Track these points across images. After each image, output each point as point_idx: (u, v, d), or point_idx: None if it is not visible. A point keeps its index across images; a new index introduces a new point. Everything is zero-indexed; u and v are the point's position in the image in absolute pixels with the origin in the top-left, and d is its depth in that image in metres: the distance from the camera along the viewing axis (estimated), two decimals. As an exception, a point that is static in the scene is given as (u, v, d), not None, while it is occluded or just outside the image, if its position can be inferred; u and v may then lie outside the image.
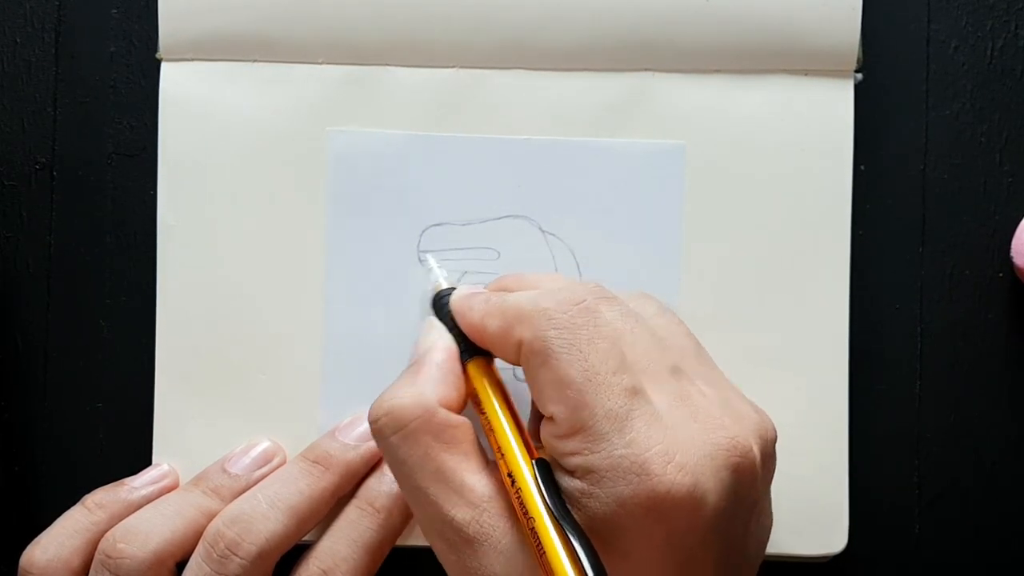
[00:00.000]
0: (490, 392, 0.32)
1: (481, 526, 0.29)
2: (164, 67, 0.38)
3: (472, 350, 0.33)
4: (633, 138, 0.37)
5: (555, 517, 0.28)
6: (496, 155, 0.37)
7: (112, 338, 0.39)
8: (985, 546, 0.38)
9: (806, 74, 0.37)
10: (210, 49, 0.37)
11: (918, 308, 0.39)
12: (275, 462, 0.36)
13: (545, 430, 0.29)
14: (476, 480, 0.30)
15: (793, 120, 0.37)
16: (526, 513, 0.28)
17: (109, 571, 0.34)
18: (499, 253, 0.37)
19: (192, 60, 0.38)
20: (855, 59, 0.37)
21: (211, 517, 0.34)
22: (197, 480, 0.36)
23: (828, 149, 0.37)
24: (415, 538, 0.36)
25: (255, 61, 0.38)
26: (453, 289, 0.35)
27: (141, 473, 0.37)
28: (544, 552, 0.27)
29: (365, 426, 0.36)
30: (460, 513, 0.29)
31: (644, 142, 0.37)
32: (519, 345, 0.30)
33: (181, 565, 0.35)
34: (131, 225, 0.39)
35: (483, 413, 0.32)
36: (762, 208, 0.37)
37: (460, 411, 0.32)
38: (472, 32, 0.37)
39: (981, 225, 0.39)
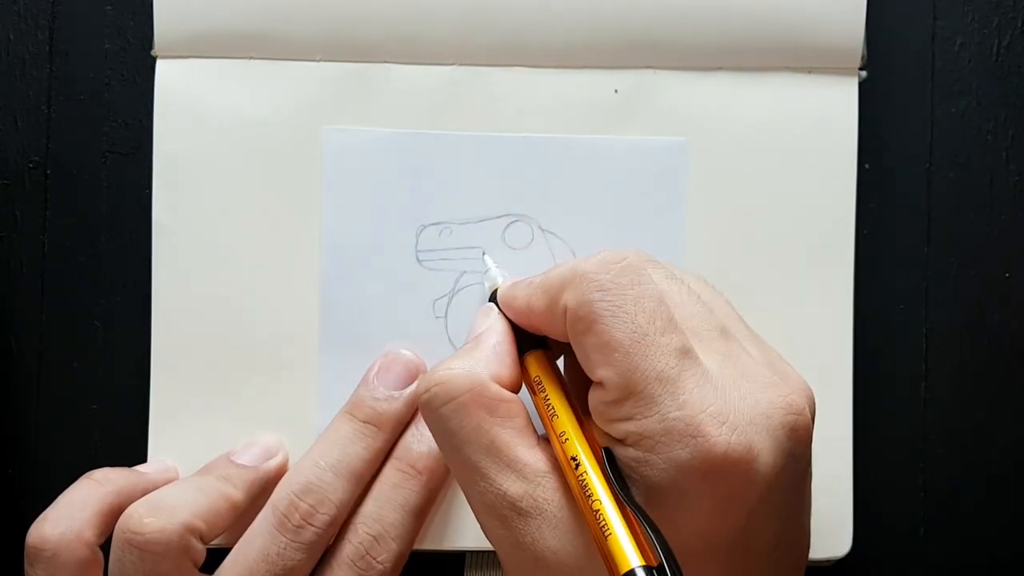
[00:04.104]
0: (553, 379, 0.31)
1: (535, 500, 0.29)
2: (159, 64, 0.37)
3: (529, 342, 0.32)
4: (634, 136, 0.37)
5: (622, 502, 0.27)
6: (494, 153, 0.37)
7: (107, 338, 0.39)
8: (990, 550, 0.38)
9: (810, 72, 0.37)
10: (206, 46, 0.37)
11: (923, 308, 0.38)
12: (279, 456, 0.36)
13: (594, 397, 0.29)
14: (529, 455, 0.29)
15: (797, 118, 0.37)
16: (589, 496, 0.28)
17: (137, 548, 0.32)
18: (498, 253, 0.37)
19: (187, 57, 0.37)
20: (859, 56, 0.37)
21: (231, 502, 0.34)
22: (206, 469, 0.36)
23: (832, 148, 0.37)
24: (427, 542, 0.36)
25: (251, 58, 0.37)
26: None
27: (142, 465, 0.37)
28: (608, 536, 0.27)
29: (398, 371, 0.36)
30: (514, 487, 0.29)
31: (645, 139, 0.37)
32: (563, 313, 0.29)
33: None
34: (126, 224, 0.39)
35: (544, 399, 0.31)
36: (765, 207, 0.37)
37: (513, 392, 0.31)
38: (471, 29, 0.37)
39: (987, 224, 0.38)
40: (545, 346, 0.32)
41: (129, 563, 0.32)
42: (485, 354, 0.31)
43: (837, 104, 0.37)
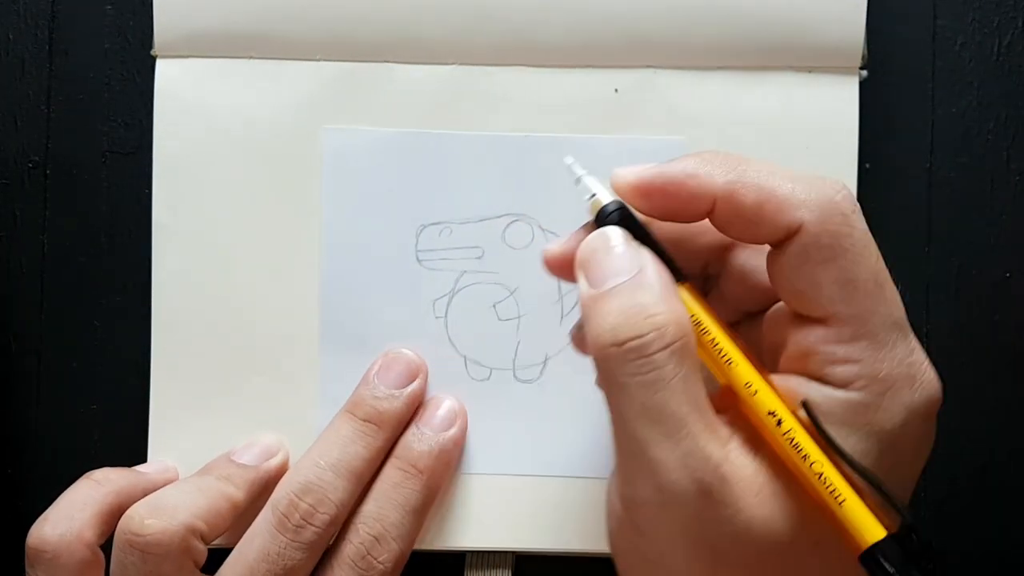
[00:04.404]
0: (714, 319, 0.28)
1: (733, 466, 0.26)
2: (159, 64, 0.37)
3: (673, 271, 0.28)
4: (634, 135, 0.37)
5: (838, 460, 0.26)
6: (494, 152, 0.37)
7: (106, 338, 0.39)
8: (990, 550, 0.38)
9: (810, 71, 0.37)
10: (205, 46, 0.37)
11: (924, 308, 0.38)
12: (280, 456, 0.36)
13: (814, 335, 0.27)
14: (717, 419, 0.27)
15: (797, 118, 0.37)
16: (805, 457, 0.26)
17: (138, 550, 0.32)
18: (498, 252, 0.37)
19: (187, 57, 0.37)
20: (860, 56, 0.37)
21: (231, 502, 0.34)
22: (206, 469, 0.36)
23: (833, 147, 0.37)
24: (427, 542, 0.36)
25: (251, 58, 0.37)
26: (621, 204, 0.29)
27: (142, 465, 0.37)
28: (843, 502, 0.25)
29: (399, 370, 0.36)
30: (716, 450, 0.26)
31: (645, 138, 0.37)
32: (794, 231, 0.27)
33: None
34: (125, 224, 0.39)
35: (711, 342, 0.28)
36: (765, 207, 0.37)
37: None
38: (472, 28, 0.37)
39: (988, 224, 0.38)
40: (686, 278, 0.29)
41: (131, 564, 0.32)
42: (674, 294, 0.27)
43: (838, 103, 0.37)
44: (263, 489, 0.35)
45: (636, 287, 0.27)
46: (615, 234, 0.29)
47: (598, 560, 0.37)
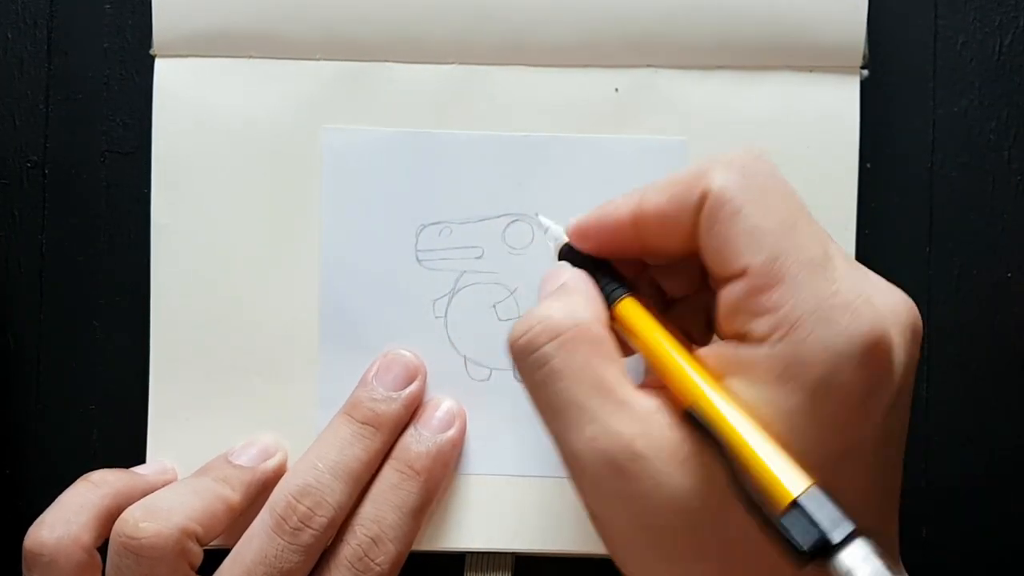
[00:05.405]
0: (656, 323, 0.29)
1: (651, 439, 0.27)
2: (158, 63, 0.37)
3: (619, 287, 0.30)
4: (634, 135, 0.37)
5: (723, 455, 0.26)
6: (495, 152, 0.37)
7: (105, 338, 0.39)
8: (993, 549, 0.38)
9: (811, 71, 0.37)
10: (205, 45, 0.37)
11: (925, 309, 0.38)
12: (278, 457, 0.36)
13: (732, 292, 0.27)
14: (637, 395, 0.28)
15: (798, 118, 0.37)
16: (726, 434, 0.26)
17: (133, 553, 0.32)
18: (498, 252, 0.37)
19: (186, 56, 0.37)
20: (861, 55, 0.37)
21: (227, 504, 0.34)
22: (204, 470, 0.36)
23: (833, 147, 0.37)
24: (426, 543, 0.36)
25: (250, 57, 0.37)
26: (567, 244, 0.33)
27: (140, 466, 0.37)
28: (758, 471, 0.25)
29: (397, 372, 0.36)
30: (628, 427, 0.27)
31: (645, 138, 0.37)
32: (702, 200, 0.28)
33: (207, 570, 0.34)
34: (124, 224, 0.39)
35: (647, 344, 0.29)
36: (766, 207, 0.37)
37: None
38: (472, 28, 0.37)
39: (989, 224, 0.38)
40: (632, 293, 0.31)
41: (126, 567, 0.32)
42: (581, 296, 0.30)
43: (838, 103, 0.37)
44: (261, 490, 0.35)
45: (552, 297, 0.30)
46: (558, 265, 0.32)
47: (598, 561, 0.37)
